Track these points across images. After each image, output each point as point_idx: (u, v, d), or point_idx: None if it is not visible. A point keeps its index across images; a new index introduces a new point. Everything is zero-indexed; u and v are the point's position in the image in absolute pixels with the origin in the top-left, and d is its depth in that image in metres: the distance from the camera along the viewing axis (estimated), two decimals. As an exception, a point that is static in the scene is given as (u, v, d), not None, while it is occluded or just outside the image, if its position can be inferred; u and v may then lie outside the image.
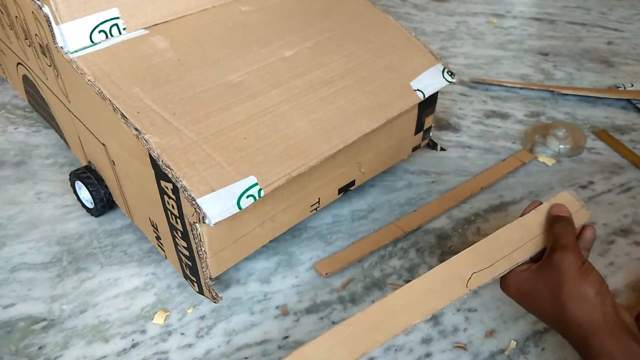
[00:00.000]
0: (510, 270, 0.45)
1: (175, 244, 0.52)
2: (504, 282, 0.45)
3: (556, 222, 0.46)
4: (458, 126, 0.83)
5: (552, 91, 0.90)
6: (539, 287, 0.43)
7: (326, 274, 0.58)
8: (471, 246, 0.46)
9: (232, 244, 0.51)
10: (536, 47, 1.06)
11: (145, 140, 0.46)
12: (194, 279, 0.53)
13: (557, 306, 0.41)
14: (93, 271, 0.59)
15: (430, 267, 0.60)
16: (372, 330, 0.41)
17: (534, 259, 0.46)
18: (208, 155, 0.47)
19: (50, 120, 0.73)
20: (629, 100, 0.89)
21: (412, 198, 0.69)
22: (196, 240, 0.47)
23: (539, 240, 0.46)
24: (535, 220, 0.48)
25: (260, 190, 0.47)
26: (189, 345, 0.52)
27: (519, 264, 0.45)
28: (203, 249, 0.48)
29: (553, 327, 0.43)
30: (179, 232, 0.49)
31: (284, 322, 0.54)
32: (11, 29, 0.64)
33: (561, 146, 0.75)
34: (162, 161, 0.45)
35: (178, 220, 0.48)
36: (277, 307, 0.55)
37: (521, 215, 0.49)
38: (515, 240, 0.46)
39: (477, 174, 0.73)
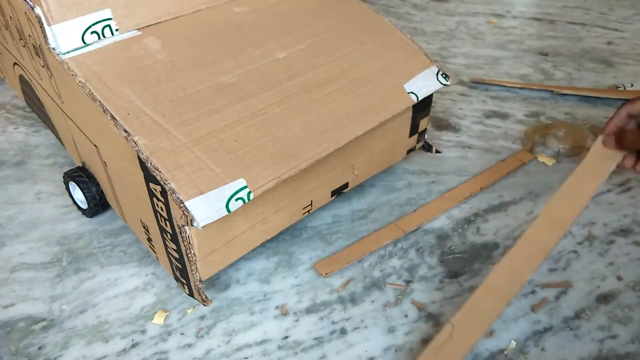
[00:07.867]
0: None
1: (166, 246, 0.52)
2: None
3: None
4: (458, 126, 0.83)
5: (552, 91, 0.90)
6: None
7: (326, 274, 0.58)
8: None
9: (222, 246, 0.51)
10: (536, 47, 1.06)
11: (134, 142, 0.45)
12: (184, 282, 0.53)
13: None
14: (93, 271, 0.59)
15: (430, 267, 0.60)
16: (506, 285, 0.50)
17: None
18: (197, 158, 0.46)
19: (46, 121, 0.73)
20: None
21: (412, 198, 0.69)
22: (185, 243, 0.47)
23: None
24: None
25: (249, 193, 0.46)
26: (189, 345, 0.52)
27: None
28: (192, 251, 0.47)
29: None
30: (169, 235, 0.49)
31: (284, 322, 0.54)
32: (7, 29, 0.64)
33: (561, 146, 0.75)
34: (151, 163, 0.45)
35: (167, 223, 0.48)
36: (277, 307, 0.55)
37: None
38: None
39: (476, 174, 0.73)
